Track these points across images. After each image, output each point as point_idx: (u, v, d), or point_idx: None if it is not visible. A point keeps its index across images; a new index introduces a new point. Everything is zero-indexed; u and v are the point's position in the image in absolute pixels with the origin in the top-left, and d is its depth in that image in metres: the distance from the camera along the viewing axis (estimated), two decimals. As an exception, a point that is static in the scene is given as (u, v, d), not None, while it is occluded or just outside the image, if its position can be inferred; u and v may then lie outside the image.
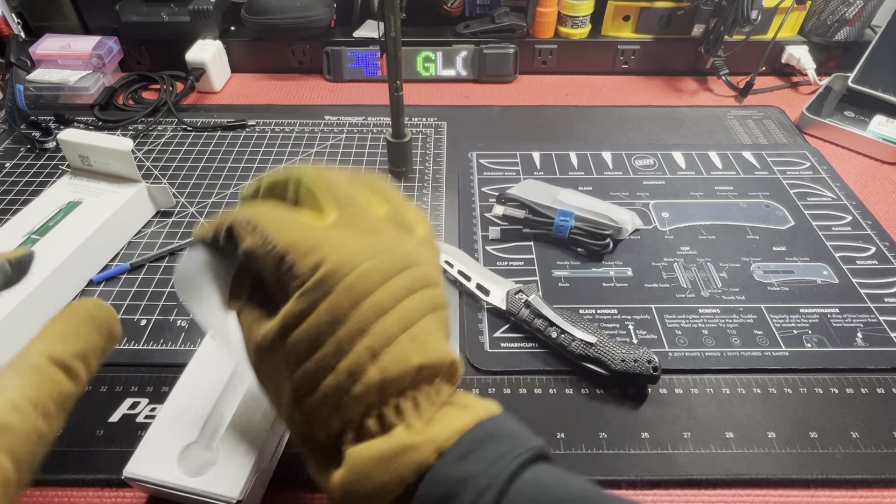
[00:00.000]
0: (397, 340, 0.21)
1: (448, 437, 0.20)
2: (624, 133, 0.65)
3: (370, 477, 0.20)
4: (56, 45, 0.69)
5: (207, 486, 0.29)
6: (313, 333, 0.20)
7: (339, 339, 0.20)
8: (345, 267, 0.20)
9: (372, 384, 0.20)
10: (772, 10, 0.69)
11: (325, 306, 0.20)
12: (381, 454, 0.20)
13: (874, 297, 0.45)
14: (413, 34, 0.71)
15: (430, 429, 0.20)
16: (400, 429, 0.20)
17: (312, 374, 0.20)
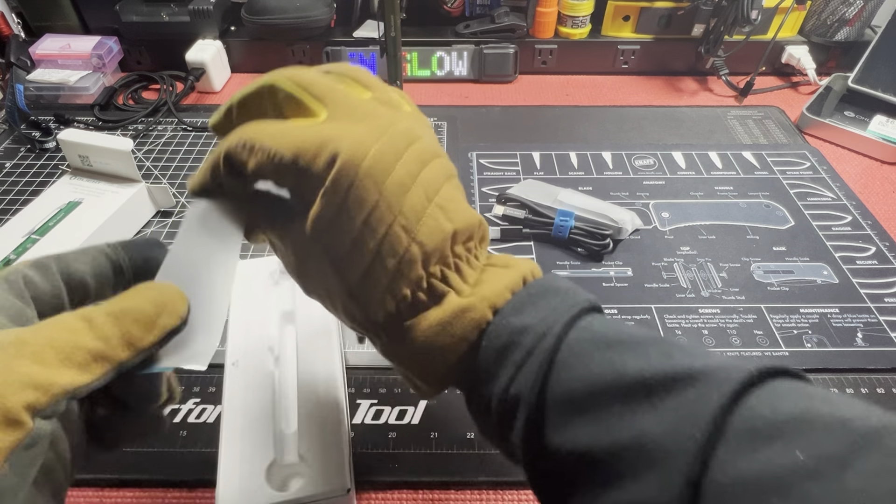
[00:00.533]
0: (427, 213, 0.21)
1: (499, 293, 0.22)
2: (624, 133, 0.65)
3: (435, 343, 0.21)
4: (56, 45, 0.69)
5: (315, 489, 0.29)
6: (348, 228, 0.20)
7: (374, 226, 0.20)
8: (357, 155, 0.20)
9: (415, 259, 0.21)
10: (772, 10, 0.69)
11: (353, 198, 0.20)
12: (441, 321, 0.21)
13: (874, 297, 0.45)
14: (413, 34, 0.71)
15: (480, 289, 0.22)
16: (451, 295, 0.22)
17: (358, 264, 0.21)
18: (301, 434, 0.32)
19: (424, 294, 0.21)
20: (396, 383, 0.39)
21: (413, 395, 0.38)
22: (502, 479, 0.34)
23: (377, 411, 0.37)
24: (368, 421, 0.37)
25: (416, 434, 0.36)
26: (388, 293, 0.21)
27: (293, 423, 0.32)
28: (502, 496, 0.34)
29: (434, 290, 0.22)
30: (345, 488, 0.29)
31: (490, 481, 0.34)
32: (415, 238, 0.21)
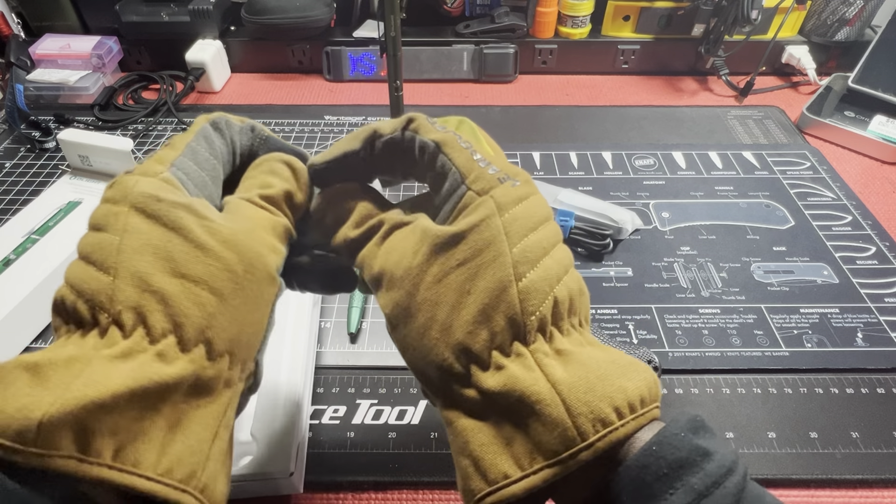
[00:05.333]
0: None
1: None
2: (624, 133, 0.65)
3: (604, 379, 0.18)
4: (56, 45, 0.69)
5: (260, 468, 0.30)
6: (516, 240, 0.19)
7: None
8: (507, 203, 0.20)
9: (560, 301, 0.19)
10: (772, 10, 0.69)
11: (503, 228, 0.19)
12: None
13: (874, 297, 0.45)
14: (413, 34, 0.71)
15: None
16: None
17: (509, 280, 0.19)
18: (257, 415, 0.33)
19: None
20: (396, 383, 0.39)
21: (413, 395, 0.38)
22: (502, 479, 0.34)
23: (377, 411, 0.37)
24: (368, 421, 0.37)
25: (416, 434, 0.36)
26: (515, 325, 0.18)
27: (252, 403, 0.33)
28: (502, 496, 0.34)
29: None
30: (287, 472, 0.31)
31: (490, 481, 0.34)
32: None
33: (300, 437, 0.33)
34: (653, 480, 0.16)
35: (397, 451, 0.35)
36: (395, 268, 0.20)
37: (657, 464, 0.16)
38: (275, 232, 0.21)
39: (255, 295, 0.19)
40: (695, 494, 0.16)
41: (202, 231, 0.18)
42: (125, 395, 0.16)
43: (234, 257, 0.19)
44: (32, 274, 0.41)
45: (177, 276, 0.18)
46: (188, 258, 0.18)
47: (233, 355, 0.19)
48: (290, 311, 0.39)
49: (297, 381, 0.35)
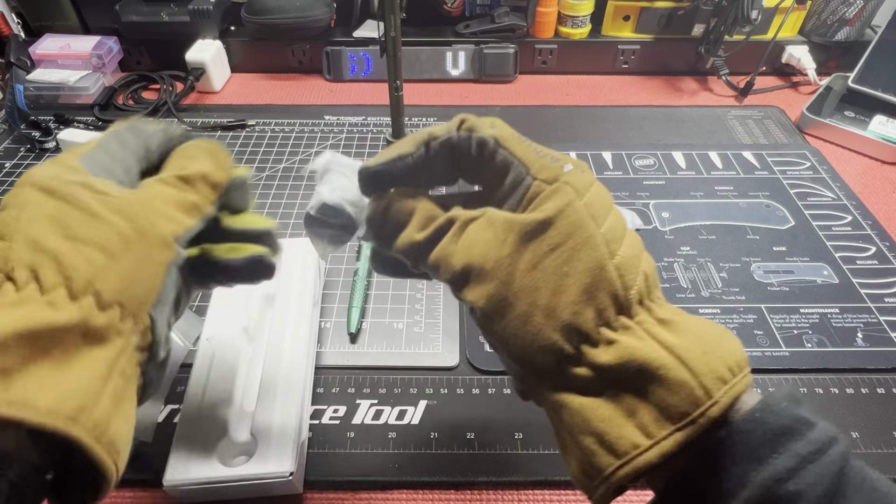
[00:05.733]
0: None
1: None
2: (624, 133, 0.65)
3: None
4: (56, 45, 0.69)
5: (258, 469, 0.30)
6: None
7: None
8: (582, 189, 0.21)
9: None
10: (772, 10, 0.69)
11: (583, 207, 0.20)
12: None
13: (874, 297, 0.45)
14: (413, 34, 0.71)
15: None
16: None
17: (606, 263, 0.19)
18: (257, 415, 0.33)
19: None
20: (396, 383, 0.39)
21: (413, 395, 0.38)
22: (502, 479, 0.34)
23: (377, 411, 0.37)
24: (368, 421, 0.37)
25: (416, 434, 0.36)
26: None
27: (252, 403, 0.34)
28: (502, 496, 0.34)
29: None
30: (287, 472, 0.31)
31: (490, 481, 0.34)
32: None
33: (300, 437, 0.33)
34: (757, 445, 0.17)
35: (397, 451, 0.35)
36: (483, 260, 0.20)
37: (761, 429, 0.17)
38: (178, 205, 0.23)
39: (146, 255, 0.21)
40: (799, 459, 0.16)
41: (95, 202, 0.20)
42: (13, 336, 0.17)
43: (123, 223, 0.20)
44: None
45: (68, 239, 0.19)
46: (79, 223, 0.20)
47: (123, 307, 0.20)
48: (290, 311, 0.39)
49: (297, 382, 0.35)
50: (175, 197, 0.23)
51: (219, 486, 0.31)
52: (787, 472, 0.16)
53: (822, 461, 0.16)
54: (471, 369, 0.40)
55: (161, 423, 0.36)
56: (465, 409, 0.38)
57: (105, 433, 0.18)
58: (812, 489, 0.16)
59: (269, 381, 0.35)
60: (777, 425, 0.17)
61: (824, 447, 0.16)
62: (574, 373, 0.19)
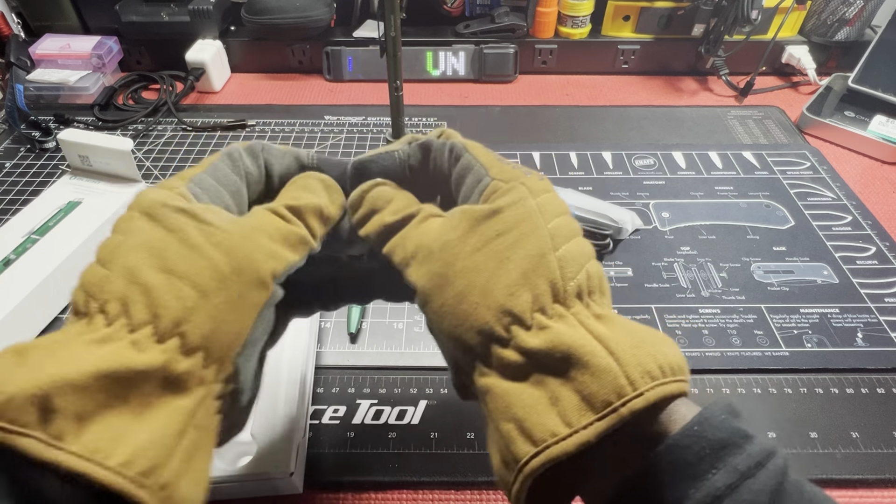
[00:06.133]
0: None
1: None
2: (624, 133, 0.65)
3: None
4: (56, 45, 0.69)
5: (258, 469, 0.30)
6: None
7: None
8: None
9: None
10: (772, 9, 0.69)
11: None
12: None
13: (874, 297, 0.45)
14: (413, 34, 0.71)
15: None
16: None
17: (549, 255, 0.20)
18: (257, 415, 0.33)
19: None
20: (396, 383, 0.39)
21: (413, 395, 0.38)
22: (502, 479, 0.34)
23: (377, 411, 0.37)
24: (368, 421, 0.37)
25: (416, 434, 0.36)
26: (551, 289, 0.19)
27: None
28: (502, 496, 0.34)
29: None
30: (287, 472, 0.31)
31: (490, 481, 0.34)
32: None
33: (300, 437, 0.33)
34: (695, 460, 0.16)
35: (397, 451, 0.35)
36: (432, 242, 0.21)
37: (699, 444, 0.16)
38: (284, 240, 0.21)
39: (239, 295, 0.19)
40: (738, 475, 0.16)
41: (197, 233, 0.19)
42: (93, 376, 0.16)
43: (221, 258, 0.19)
44: (32, 274, 0.41)
45: (164, 272, 0.18)
46: (178, 256, 0.19)
47: (208, 352, 0.19)
48: None
49: (296, 382, 0.35)
50: (282, 230, 0.21)
51: (219, 485, 0.31)
52: (725, 489, 0.16)
53: (760, 476, 0.16)
54: (471, 369, 0.40)
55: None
56: (465, 409, 0.38)
57: (172, 496, 0.17)
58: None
59: (269, 381, 0.35)
60: (714, 439, 0.16)
61: (763, 461, 0.16)
62: (502, 356, 0.19)
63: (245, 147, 0.24)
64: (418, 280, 0.21)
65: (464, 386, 0.22)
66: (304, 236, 0.22)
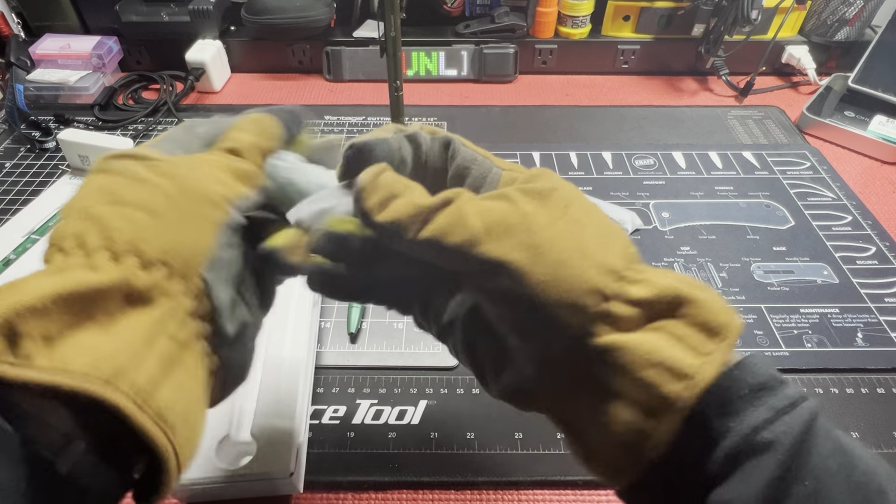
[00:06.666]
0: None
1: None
2: (624, 133, 0.65)
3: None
4: (56, 45, 0.69)
5: (258, 469, 0.30)
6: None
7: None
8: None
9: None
10: (772, 10, 0.69)
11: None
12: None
13: (874, 297, 0.45)
14: (413, 34, 0.71)
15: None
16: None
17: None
18: (257, 415, 0.33)
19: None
20: (396, 383, 0.39)
21: (413, 395, 0.38)
22: (502, 479, 0.34)
23: (377, 411, 0.37)
24: (368, 421, 0.37)
25: (416, 434, 0.36)
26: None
27: (252, 404, 0.34)
28: (502, 496, 0.34)
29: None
30: (287, 472, 0.31)
31: (490, 481, 0.34)
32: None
33: (300, 437, 0.33)
34: (736, 399, 0.18)
35: (397, 451, 0.35)
36: (505, 218, 0.20)
37: (738, 385, 0.18)
38: (229, 170, 0.22)
39: (192, 213, 0.20)
40: (774, 411, 0.17)
41: (143, 168, 0.20)
42: (51, 299, 0.16)
43: (168, 183, 0.20)
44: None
45: (113, 204, 0.19)
46: (125, 189, 0.20)
47: (169, 266, 0.19)
48: (290, 310, 0.39)
49: (296, 381, 0.35)
50: (224, 164, 0.22)
51: (219, 486, 0.31)
52: (763, 422, 0.17)
53: (794, 413, 0.18)
54: (471, 369, 0.40)
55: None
56: (465, 409, 0.38)
57: (149, 400, 0.17)
58: (784, 437, 0.17)
59: (269, 381, 0.35)
60: (754, 382, 0.18)
61: (796, 402, 0.18)
62: (618, 311, 0.19)
63: (203, 119, 0.25)
64: (506, 254, 0.19)
65: (531, 394, 0.22)
66: (248, 171, 0.23)
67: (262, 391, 0.34)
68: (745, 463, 0.17)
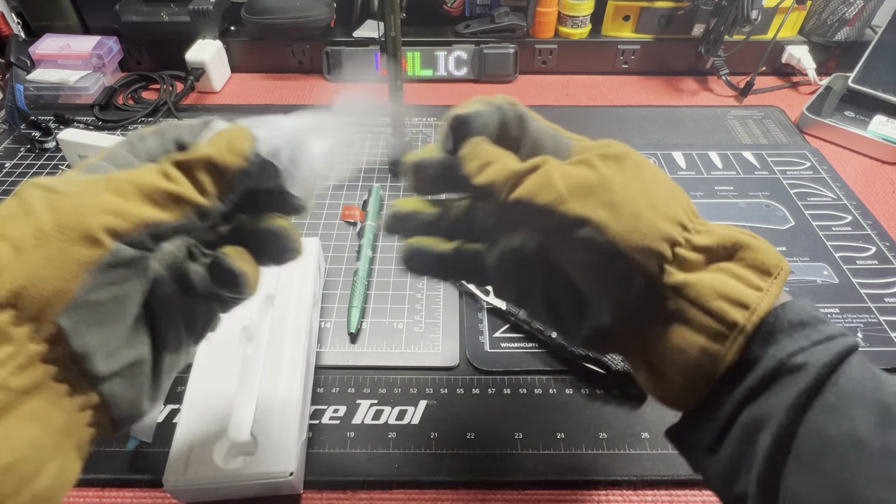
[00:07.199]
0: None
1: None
2: (624, 133, 0.65)
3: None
4: (56, 45, 0.69)
5: (258, 469, 0.30)
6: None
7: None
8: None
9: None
10: (772, 10, 0.69)
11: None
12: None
13: (874, 297, 0.45)
14: (413, 34, 0.71)
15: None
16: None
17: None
18: (257, 415, 0.33)
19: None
20: (396, 383, 0.39)
21: (413, 395, 0.38)
22: (502, 479, 0.34)
23: (377, 411, 0.37)
24: (368, 421, 0.37)
25: (416, 434, 0.36)
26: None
27: (252, 404, 0.33)
28: (502, 496, 0.34)
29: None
30: (287, 472, 0.31)
31: (490, 481, 0.34)
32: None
33: (300, 437, 0.33)
34: (776, 331, 0.21)
35: (397, 451, 0.35)
36: (586, 179, 0.23)
37: (781, 320, 0.21)
38: (144, 196, 0.20)
39: (60, 252, 0.19)
40: (810, 342, 0.20)
41: (38, 199, 0.19)
42: None
43: (48, 217, 0.19)
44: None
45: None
46: (11, 221, 0.19)
47: (18, 309, 0.18)
48: (290, 310, 0.38)
49: (296, 381, 0.35)
50: (143, 186, 0.20)
51: (219, 486, 0.31)
52: (798, 350, 0.20)
53: (829, 344, 0.20)
54: (471, 369, 0.40)
55: (161, 423, 0.36)
56: (465, 409, 0.38)
57: None
58: (816, 360, 0.19)
59: (268, 381, 0.35)
60: (796, 320, 0.21)
61: (834, 336, 0.20)
62: (685, 255, 0.22)
63: (149, 130, 0.24)
64: (590, 211, 0.22)
65: (609, 334, 0.24)
66: (176, 193, 0.21)
67: (262, 391, 0.34)
68: (779, 380, 0.20)
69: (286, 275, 0.40)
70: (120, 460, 0.35)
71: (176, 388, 0.38)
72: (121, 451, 0.35)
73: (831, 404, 0.19)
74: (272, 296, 0.39)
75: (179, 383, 0.38)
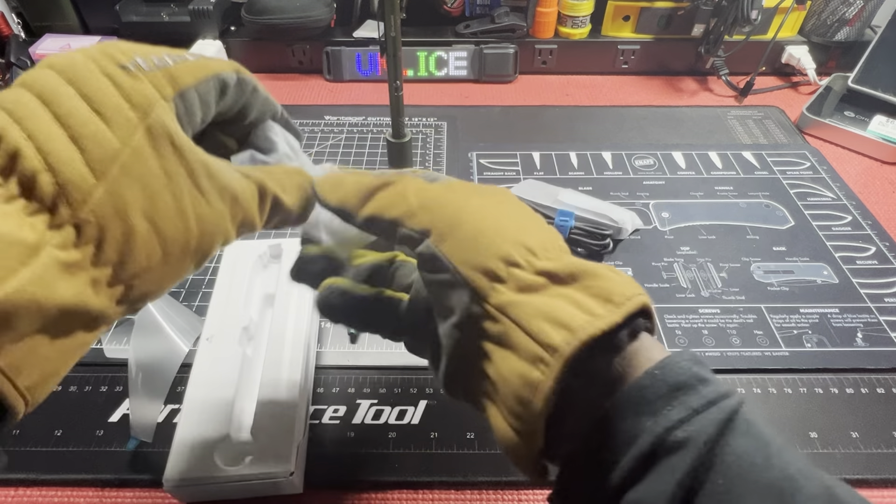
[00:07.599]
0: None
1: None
2: (624, 133, 0.65)
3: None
4: (56, 45, 0.69)
5: (258, 469, 0.30)
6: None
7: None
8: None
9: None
10: (772, 10, 0.69)
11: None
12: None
13: (874, 297, 0.45)
14: (413, 34, 0.71)
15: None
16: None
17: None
18: (257, 415, 0.33)
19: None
20: (396, 383, 0.39)
21: (413, 395, 0.38)
22: (502, 479, 0.34)
23: (377, 411, 0.37)
24: (368, 421, 0.37)
25: (416, 434, 0.36)
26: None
27: (252, 404, 0.34)
28: (502, 496, 0.34)
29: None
30: (287, 472, 0.31)
31: (490, 481, 0.34)
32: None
33: (300, 437, 0.33)
34: (654, 399, 0.18)
35: (397, 451, 0.35)
36: (438, 197, 0.23)
37: (658, 385, 0.18)
38: (234, 217, 0.21)
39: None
40: (690, 411, 0.17)
41: (184, 179, 0.19)
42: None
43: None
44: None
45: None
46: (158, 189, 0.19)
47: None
48: (290, 311, 0.39)
49: (296, 382, 0.35)
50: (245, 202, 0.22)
51: (219, 485, 0.31)
52: (677, 422, 0.17)
53: (711, 412, 0.17)
54: (471, 369, 0.40)
55: (161, 423, 0.36)
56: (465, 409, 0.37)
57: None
58: (697, 436, 0.17)
59: (269, 381, 0.35)
60: (673, 382, 0.18)
61: (715, 400, 0.18)
62: (521, 276, 0.21)
63: (241, 78, 0.23)
64: (432, 223, 0.22)
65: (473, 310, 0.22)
66: (244, 216, 0.22)
67: (262, 391, 0.34)
68: (658, 462, 0.17)
69: (286, 275, 0.40)
70: (120, 460, 0.35)
71: (176, 388, 0.38)
72: (121, 451, 0.35)
73: (719, 490, 0.16)
74: (272, 296, 0.40)
75: (179, 383, 0.38)
